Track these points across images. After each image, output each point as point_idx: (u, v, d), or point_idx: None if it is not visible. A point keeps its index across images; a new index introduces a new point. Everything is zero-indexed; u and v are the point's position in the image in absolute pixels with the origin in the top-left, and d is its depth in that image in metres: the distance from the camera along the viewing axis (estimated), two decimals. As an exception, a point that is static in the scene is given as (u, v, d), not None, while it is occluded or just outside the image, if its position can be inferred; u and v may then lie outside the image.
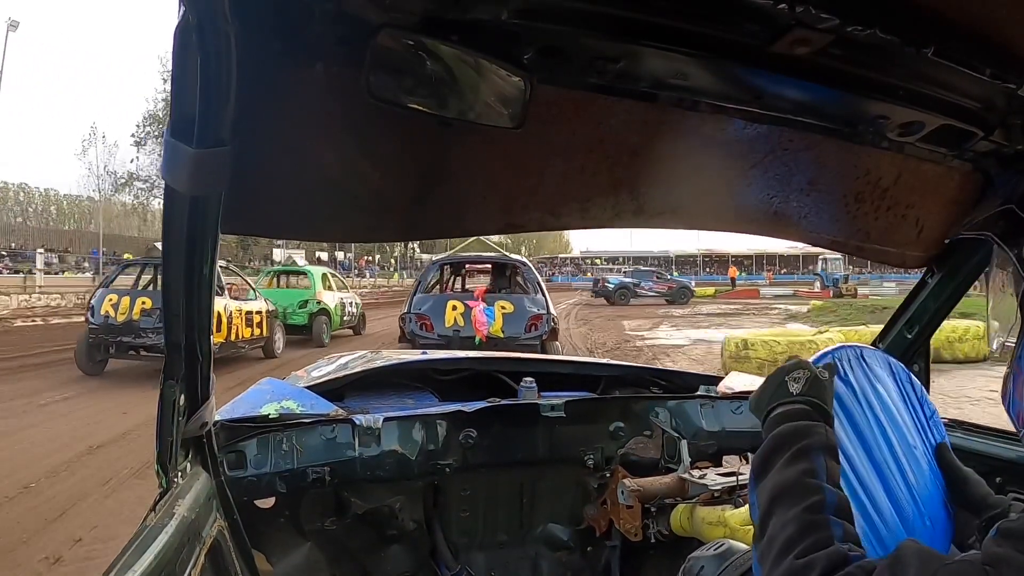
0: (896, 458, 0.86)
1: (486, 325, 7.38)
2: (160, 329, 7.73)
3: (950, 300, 1.39)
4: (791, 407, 0.77)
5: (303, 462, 1.49)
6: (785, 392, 0.78)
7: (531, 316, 7.64)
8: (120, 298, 8.34)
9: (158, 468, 1.06)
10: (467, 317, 7.49)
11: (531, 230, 1.16)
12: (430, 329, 7.51)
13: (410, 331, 7.57)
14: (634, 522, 1.51)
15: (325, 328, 12.21)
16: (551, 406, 1.68)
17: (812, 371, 0.79)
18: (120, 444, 5.33)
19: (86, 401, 7.03)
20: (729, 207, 1.18)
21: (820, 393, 0.77)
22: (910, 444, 0.89)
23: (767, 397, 0.80)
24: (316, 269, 13.51)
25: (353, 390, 1.98)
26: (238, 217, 0.90)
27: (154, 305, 8.18)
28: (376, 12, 0.68)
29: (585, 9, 0.71)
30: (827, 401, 0.78)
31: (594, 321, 18.02)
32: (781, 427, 0.75)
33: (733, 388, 1.88)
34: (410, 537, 1.75)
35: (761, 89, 0.86)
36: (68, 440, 5.37)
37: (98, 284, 9.75)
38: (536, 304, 7.79)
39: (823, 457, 0.71)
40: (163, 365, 1.03)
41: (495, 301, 7.71)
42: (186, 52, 0.68)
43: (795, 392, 0.77)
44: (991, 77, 0.79)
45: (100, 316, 8.22)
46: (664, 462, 1.68)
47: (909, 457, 0.88)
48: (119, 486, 4.31)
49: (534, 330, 7.58)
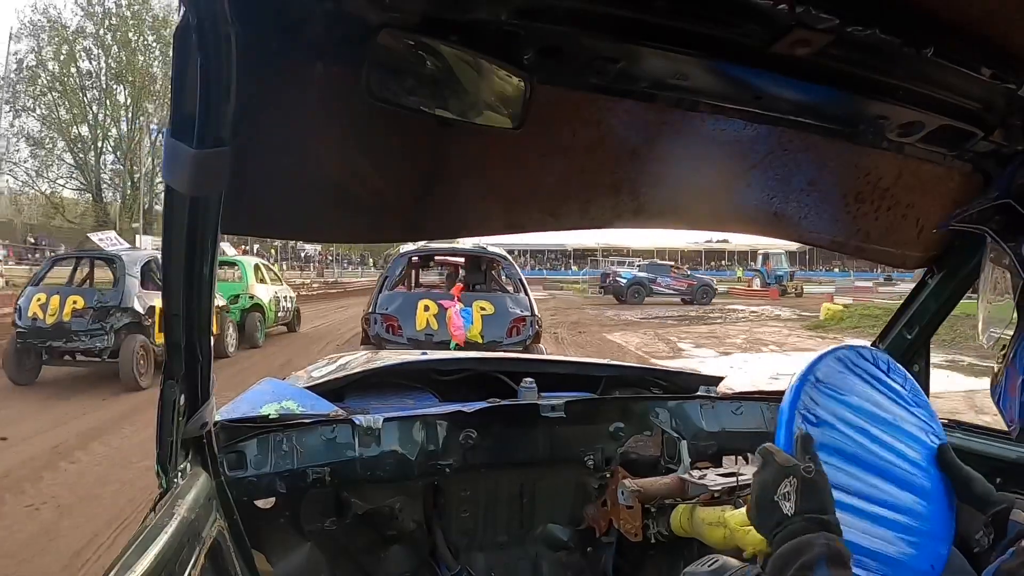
0: (892, 466, 0.86)
1: (463, 329, 6.42)
2: (94, 331, 7.23)
3: (950, 300, 1.39)
4: (790, 529, 0.73)
5: (303, 462, 1.50)
6: (780, 515, 0.74)
7: (514, 318, 6.66)
8: (49, 297, 7.44)
9: (158, 468, 1.06)
10: (441, 319, 6.50)
11: (531, 230, 1.16)
12: (397, 332, 6.49)
13: (375, 333, 6.50)
14: (634, 522, 1.51)
15: (259, 326, 11.12)
16: (551, 406, 1.68)
17: (799, 476, 0.74)
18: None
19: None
20: (729, 207, 1.18)
21: (817, 501, 0.74)
22: (905, 449, 0.88)
23: (764, 526, 0.76)
24: (247, 260, 12.20)
25: (353, 390, 1.98)
26: (238, 217, 0.90)
27: (87, 304, 7.42)
28: (376, 12, 0.68)
29: (585, 9, 0.71)
30: (827, 506, 0.74)
31: (589, 328, 15.59)
32: (779, 549, 0.72)
33: (733, 388, 1.88)
34: (410, 537, 1.75)
35: (761, 89, 0.86)
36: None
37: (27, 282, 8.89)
38: (519, 304, 6.79)
39: (827, 568, 0.68)
40: (163, 365, 1.03)
41: (473, 301, 6.67)
42: (186, 52, 0.68)
43: (789, 512, 0.74)
44: (991, 77, 0.79)
45: (27, 318, 7.36)
46: (664, 462, 1.68)
47: (905, 463, 0.87)
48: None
49: (516, 334, 6.61)
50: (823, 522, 0.73)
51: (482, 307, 6.67)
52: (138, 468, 4.65)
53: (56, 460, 4.97)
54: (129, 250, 8.82)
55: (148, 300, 7.73)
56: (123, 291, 7.60)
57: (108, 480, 4.59)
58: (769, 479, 0.76)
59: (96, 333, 7.37)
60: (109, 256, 8.23)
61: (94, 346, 7.37)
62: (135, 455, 4.97)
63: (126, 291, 7.59)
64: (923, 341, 1.46)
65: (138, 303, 7.63)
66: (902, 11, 0.71)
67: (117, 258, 7.96)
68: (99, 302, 7.53)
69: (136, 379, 7.37)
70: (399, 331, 6.50)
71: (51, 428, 5.84)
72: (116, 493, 4.31)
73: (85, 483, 4.54)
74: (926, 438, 0.91)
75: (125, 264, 7.75)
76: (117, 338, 7.41)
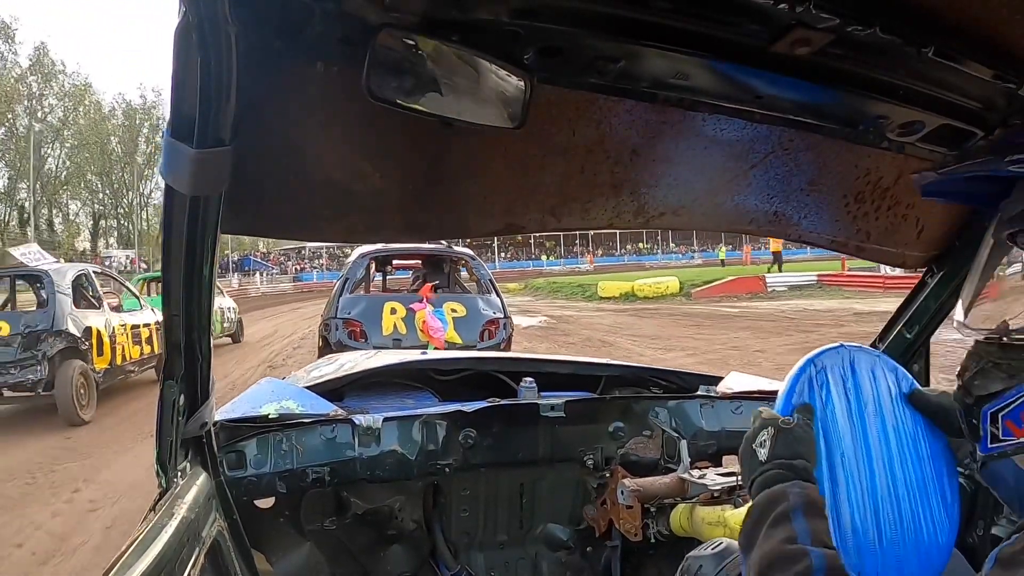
0: (892, 466, 0.86)
1: (442, 331, 5.95)
2: (23, 362, 6.17)
3: (950, 300, 1.39)
4: (764, 475, 0.74)
5: (303, 462, 1.50)
6: (756, 462, 0.76)
7: (487, 320, 6.28)
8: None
9: (158, 468, 1.06)
10: (410, 321, 5.99)
11: (531, 230, 1.16)
12: (362, 338, 5.92)
13: (336, 340, 5.90)
14: (634, 522, 1.51)
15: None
16: (551, 406, 1.68)
17: (776, 426, 0.76)
18: None
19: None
20: (729, 207, 1.18)
21: (790, 448, 0.75)
22: (907, 448, 0.88)
23: (744, 473, 0.78)
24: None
25: (353, 390, 1.98)
26: (238, 217, 0.90)
27: (12, 331, 6.28)
28: (376, 12, 0.68)
29: (585, 9, 0.71)
30: (801, 453, 0.75)
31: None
32: (756, 497, 0.73)
33: (733, 388, 1.88)
34: (410, 537, 1.75)
35: (761, 89, 0.86)
36: None
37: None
38: (491, 306, 6.44)
39: (803, 518, 0.69)
40: (163, 365, 1.03)
41: (443, 303, 6.26)
42: (186, 52, 0.68)
43: (763, 458, 0.75)
44: (991, 77, 0.79)
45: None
46: (664, 462, 1.68)
47: (907, 462, 0.87)
48: None
49: (490, 337, 6.23)
50: (795, 468, 0.73)
51: (453, 308, 6.27)
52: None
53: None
54: (55, 264, 7.48)
55: (84, 320, 6.80)
56: (54, 312, 6.47)
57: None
58: (751, 431, 0.79)
59: (27, 364, 6.25)
60: (34, 273, 6.96)
61: (26, 379, 6.23)
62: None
63: (57, 312, 6.48)
64: (923, 341, 1.46)
65: (72, 324, 6.58)
66: (902, 10, 0.70)
67: (44, 274, 6.77)
68: (27, 326, 6.39)
69: (77, 411, 6.36)
70: (364, 336, 5.96)
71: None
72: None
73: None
74: (926, 438, 0.91)
75: (53, 281, 6.63)
76: (52, 367, 6.28)
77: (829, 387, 0.86)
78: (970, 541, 1.28)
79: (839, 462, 0.83)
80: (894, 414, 0.89)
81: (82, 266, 7.85)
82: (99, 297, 7.44)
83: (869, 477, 0.84)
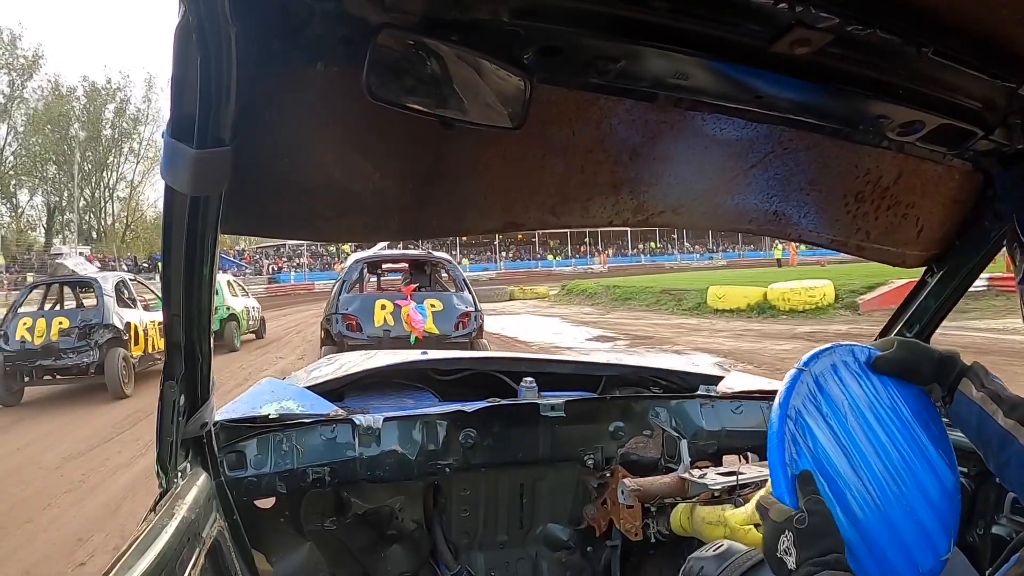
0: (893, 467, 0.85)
1: (422, 323, 7.35)
2: (80, 348, 7.67)
3: (950, 300, 1.39)
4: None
5: (303, 462, 1.49)
6: (786, 571, 0.73)
7: (460, 314, 7.68)
8: (35, 321, 8.27)
9: (158, 468, 1.06)
10: (396, 316, 7.41)
11: (532, 229, 1.16)
12: (358, 329, 7.36)
13: (337, 332, 7.37)
14: (634, 522, 1.51)
15: (235, 332, 12.67)
16: (551, 406, 1.68)
17: (792, 528, 0.74)
18: None
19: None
20: (729, 207, 1.18)
21: (816, 546, 0.73)
22: (906, 449, 0.88)
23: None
24: (220, 276, 13.43)
25: (353, 390, 1.98)
26: (238, 217, 0.90)
27: (72, 324, 8.24)
28: (376, 12, 0.68)
29: (585, 9, 0.71)
30: (829, 546, 0.73)
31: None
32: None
33: (733, 388, 1.88)
34: (410, 537, 1.75)
35: (761, 89, 0.86)
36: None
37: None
38: (464, 302, 7.82)
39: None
40: (163, 365, 1.03)
41: (424, 299, 7.68)
42: (186, 52, 0.68)
43: (793, 566, 0.73)
44: (991, 77, 0.79)
45: (16, 342, 8.06)
46: (664, 462, 1.68)
47: (895, 436, 0.86)
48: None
49: (463, 327, 7.64)
50: (828, 563, 0.72)
51: (432, 304, 7.64)
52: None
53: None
54: (100, 272, 10.05)
55: (124, 317, 8.64)
56: (103, 309, 8.42)
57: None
58: (768, 537, 0.76)
59: (83, 350, 8.15)
60: (86, 280, 9.51)
61: (81, 362, 8.15)
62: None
63: (106, 309, 8.43)
64: (923, 340, 1.46)
65: (117, 319, 8.45)
66: (902, 10, 0.71)
67: (94, 280, 9.09)
68: (83, 321, 8.30)
69: (122, 388, 8.23)
70: (359, 328, 7.36)
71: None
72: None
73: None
74: (925, 438, 0.91)
75: (102, 286, 8.69)
76: (101, 353, 8.18)
77: (809, 428, 0.82)
78: (970, 541, 1.28)
79: (847, 494, 0.81)
80: (867, 396, 0.86)
81: (120, 275, 10.06)
82: (134, 299, 9.28)
83: (871, 478, 0.83)
